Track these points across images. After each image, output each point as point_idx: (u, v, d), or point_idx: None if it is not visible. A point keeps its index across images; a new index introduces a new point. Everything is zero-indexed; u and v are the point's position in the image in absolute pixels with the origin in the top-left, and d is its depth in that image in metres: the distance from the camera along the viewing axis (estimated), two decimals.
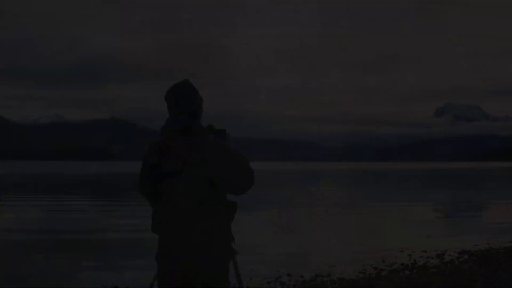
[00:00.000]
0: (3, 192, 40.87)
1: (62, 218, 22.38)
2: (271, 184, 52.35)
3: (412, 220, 22.02)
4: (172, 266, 4.64)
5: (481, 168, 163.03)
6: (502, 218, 22.78)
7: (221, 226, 4.69)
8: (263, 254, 13.53)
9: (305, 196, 36.26)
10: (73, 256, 13.95)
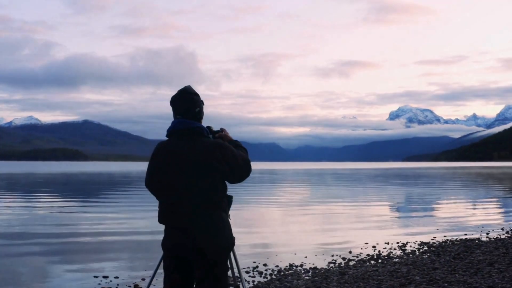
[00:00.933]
0: None
1: (35, 216, 22.21)
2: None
3: (373, 216, 22.32)
4: (176, 241, 4.98)
5: (433, 168, 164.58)
6: (455, 213, 23.22)
7: (224, 217, 5.04)
8: (238, 248, 13.77)
9: (270, 195, 36.43)
10: (53, 255, 13.89)
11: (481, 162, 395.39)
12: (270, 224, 19.85)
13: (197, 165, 4.88)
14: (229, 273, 5.49)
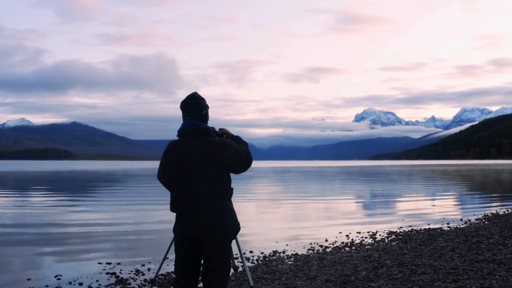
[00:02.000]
0: None
1: (31, 211, 22.23)
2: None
3: (344, 209, 22.62)
4: (186, 227, 5.30)
5: (396, 166, 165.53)
6: (418, 207, 23.59)
7: (229, 205, 5.39)
8: None
9: (247, 191, 36.57)
10: (54, 247, 13.99)
11: (439, 161, 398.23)
12: (250, 217, 19.95)
13: (205, 161, 5.23)
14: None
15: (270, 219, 19.19)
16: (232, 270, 6.39)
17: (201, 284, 5.48)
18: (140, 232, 15.59)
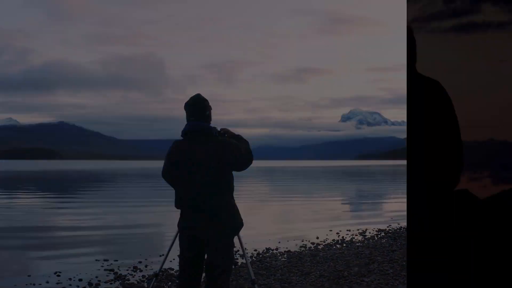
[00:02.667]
0: None
1: (22, 212, 22.46)
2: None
3: (333, 208, 22.90)
4: (190, 222, 5.51)
5: (382, 165, 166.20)
6: (405, 205, 23.93)
7: (232, 202, 5.61)
8: None
9: (237, 190, 36.72)
10: (51, 246, 14.18)
11: None
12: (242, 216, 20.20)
13: (209, 160, 5.41)
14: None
15: (260, 218, 19.37)
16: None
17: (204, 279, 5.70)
18: (134, 232, 15.76)
